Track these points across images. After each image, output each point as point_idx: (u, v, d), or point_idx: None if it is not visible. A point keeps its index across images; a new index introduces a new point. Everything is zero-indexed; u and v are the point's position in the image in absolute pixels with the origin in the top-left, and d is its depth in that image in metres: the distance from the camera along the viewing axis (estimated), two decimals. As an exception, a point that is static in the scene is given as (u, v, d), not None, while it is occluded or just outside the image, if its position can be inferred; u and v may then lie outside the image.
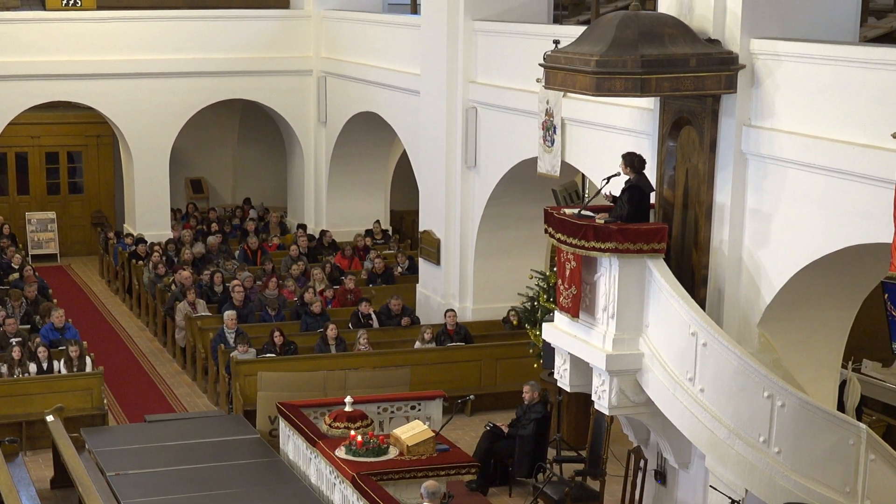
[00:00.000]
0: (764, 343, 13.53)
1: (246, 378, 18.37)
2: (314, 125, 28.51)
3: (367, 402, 16.30)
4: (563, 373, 14.55)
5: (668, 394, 13.20)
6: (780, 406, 12.21)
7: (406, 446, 14.77)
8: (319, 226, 28.25)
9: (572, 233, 13.55)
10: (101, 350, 21.39)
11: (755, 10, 13.28)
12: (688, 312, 12.97)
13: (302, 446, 15.67)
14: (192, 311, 21.67)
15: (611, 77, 12.96)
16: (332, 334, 19.57)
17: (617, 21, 13.23)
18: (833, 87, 12.37)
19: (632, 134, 15.51)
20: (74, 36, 26.91)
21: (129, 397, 20.30)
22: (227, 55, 27.82)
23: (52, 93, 27.21)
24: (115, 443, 16.48)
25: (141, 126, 27.72)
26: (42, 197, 30.75)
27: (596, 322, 13.73)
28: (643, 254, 13.32)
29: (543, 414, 16.52)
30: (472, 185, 21.22)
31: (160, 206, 28.34)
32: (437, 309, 21.81)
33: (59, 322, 19.92)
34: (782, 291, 13.22)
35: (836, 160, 12.20)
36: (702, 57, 13.13)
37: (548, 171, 18.23)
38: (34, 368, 18.42)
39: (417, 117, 22.89)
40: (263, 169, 32.24)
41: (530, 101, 18.48)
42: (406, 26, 24.09)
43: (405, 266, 25.02)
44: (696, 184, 13.88)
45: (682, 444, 13.87)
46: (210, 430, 17.06)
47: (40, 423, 17.17)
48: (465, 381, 19.55)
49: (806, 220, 12.76)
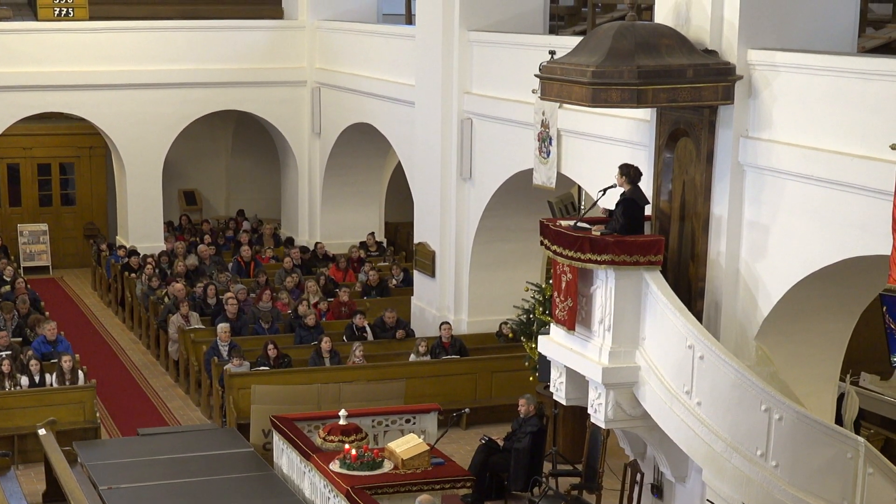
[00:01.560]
0: (761, 356, 13.48)
1: (239, 391, 18.30)
2: (308, 136, 28.43)
3: (361, 415, 16.30)
4: (559, 386, 14.49)
5: (664, 407, 13.14)
6: (778, 419, 12.17)
7: (401, 460, 14.75)
8: (314, 237, 28.18)
9: (568, 245, 13.48)
10: (94, 363, 21.35)
11: (752, 21, 13.25)
12: (685, 325, 12.91)
13: (296, 460, 15.64)
14: (185, 323, 21.58)
15: (607, 88, 12.92)
16: (327, 347, 19.50)
17: (613, 32, 13.19)
18: (831, 97, 12.33)
19: (628, 145, 15.46)
20: (67, 47, 26.82)
21: (121, 410, 20.20)
22: (220, 66, 27.73)
23: (44, 104, 27.10)
24: (107, 456, 16.43)
25: (134, 137, 27.62)
26: (34, 209, 30.62)
27: (592, 335, 13.67)
28: (640, 266, 13.27)
29: (539, 427, 16.44)
30: (467, 196, 21.15)
31: (153, 218, 28.22)
32: (432, 321, 21.73)
33: (51, 335, 19.83)
34: (780, 304, 13.18)
35: (834, 172, 12.16)
36: (699, 68, 13.09)
37: (543, 183, 18.18)
38: (26, 381, 18.32)
39: (412, 128, 22.82)
40: (257, 180, 32.14)
41: (526, 112, 18.43)
42: (401, 37, 24.03)
43: (400, 278, 24.96)
44: (693, 195, 13.84)
45: (679, 457, 13.81)
46: (203, 444, 17.01)
47: (32, 437, 17.13)
48: (460, 394, 19.48)
49: (804, 231, 12.71)
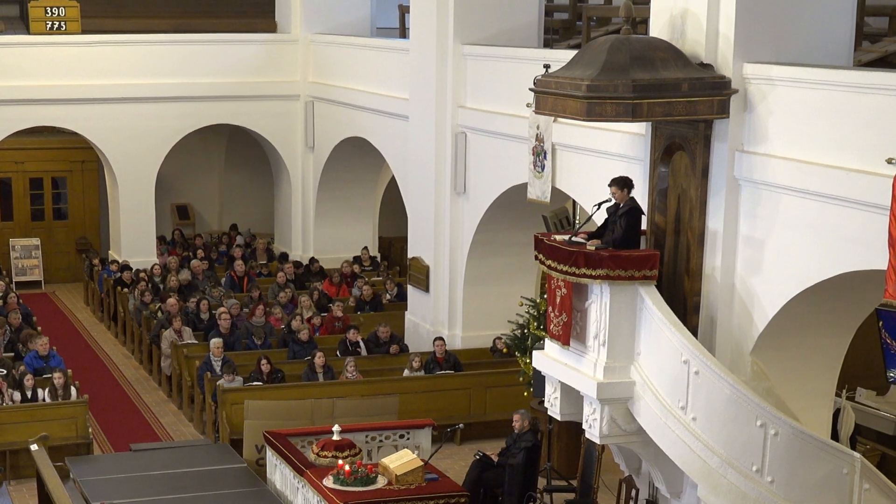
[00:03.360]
0: (757, 371, 13.44)
1: (233, 406, 18.24)
2: (301, 150, 28.39)
3: (355, 430, 16.28)
4: (554, 401, 14.43)
5: (659, 422, 13.08)
6: (774, 435, 12.13)
7: (395, 475, 14.71)
8: (307, 252, 28.12)
9: (563, 259, 13.43)
10: (86, 378, 21.29)
11: (748, 34, 13.23)
12: (680, 340, 12.85)
13: (289, 475, 15.59)
14: (178, 338, 21.51)
15: (602, 102, 12.89)
16: (320, 362, 19.44)
17: (608, 45, 13.17)
18: (827, 111, 12.31)
19: (623, 159, 15.42)
20: (59, 60, 26.77)
21: (114, 426, 20.12)
22: (213, 80, 27.69)
23: (36, 118, 27.05)
24: (100, 472, 16.41)
25: (126, 151, 27.56)
26: (26, 223, 30.54)
27: (587, 350, 13.61)
28: (635, 281, 13.21)
29: (534, 443, 16.36)
30: (461, 211, 21.10)
31: (146, 233, 28.14)
32: (426, 336, 21.66)
33: (43, 350, 19.76)
34: (775, 319, 13.13)
35: (830, 186, 12.12)
36: (694, 81, 13.07)
37: (538, 197, 18.14)
38: (18, 397, 18.24)
39: (406, 142, 22.77)
40: (250, 195, 32.08)
41: (520, 126, 18.39)
42: (395, 50, 23.99)
43: (394, 293, 24.90)
44: (688, 210, 13.80)
45: (674, 473, 13.74)
46: (196, 459, 16.95)
47: (24, 452, 17.05)
48: (454, 409, 19.43)
49: (799, 246, 12.67)
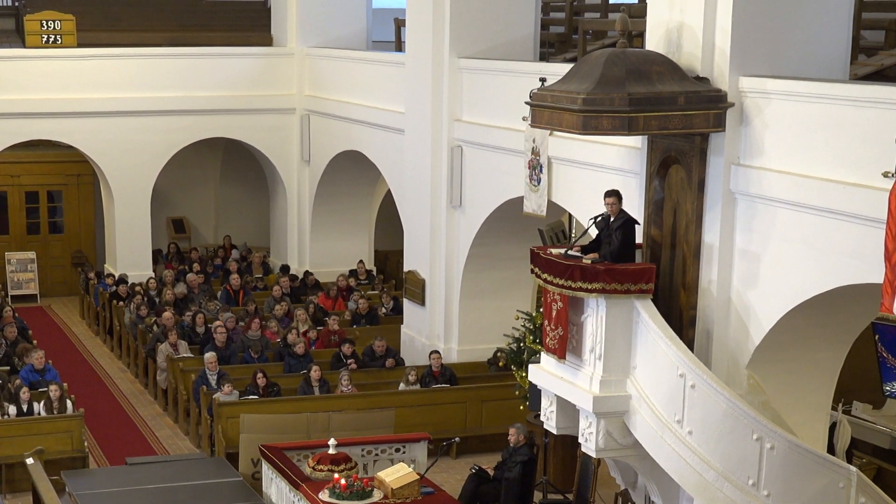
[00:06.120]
0: (753, 385, 13.42)
1: (228, 420, 18.22)
2: (297, 164, 28.38)
3: (351, 444, 16.29)
4: (550, 415, 14.42)
5: (655, 436, 13.07)
6: (770, 448, 12.13)
7: (390, 489, 14.70)
8: (303, 265, 28.10)
9: (559, 273, 13.43)
10: (82, 392, 21.26)
11: (744, 48, 13.24)
12: (676, 354, 12.85)
13: (285, 489, 15.57)
14: (173, 352, 21.48)
15: (598, 115, 12.89)
16: (316, 376, 19.42)
17: (604, 59, 13.17)
18: (823, 125, 12.32)
19: (619, 173, 15.42)
20: (55, 74, 26.77)
21: (110, 440, 20.09)
22: (209, 93, 27.69)
23: (31, 131, 27.04)
24: (95, 486, 16.37)
25: (122, 165, 27.56)
26: (22, 237, 30.50)
27: (583, 363, 13.60)
28: (631, 294, 13.20)
29: (530, 456, 16.36)
30: (457, 224, 21.10)
31: (141, 246, 28.12)
32: (422, 350, 21.63)
33: (38, 364, 19.74)
34: (771, 332, 13.13)
35: (826, 199, 12.13)
36: (690, 95, 13.08)
37: (534, 211, 18.13)
38: (14, 410, 18.21)
39: (402, 156, 22.78)
40: (246, 208, 32.08)
41: (516, 139, 18.40)
42: (390, 64, 24.00)
43: (389, 307, 24.90)
44: (684, 223, 13.80)
45: (670, 487, 13.72)
46: (192, 473, 16.90)
47: (20, 466, 17.04)
48: (450, 423, 19.41)
49: (795, 260, 12.68)
